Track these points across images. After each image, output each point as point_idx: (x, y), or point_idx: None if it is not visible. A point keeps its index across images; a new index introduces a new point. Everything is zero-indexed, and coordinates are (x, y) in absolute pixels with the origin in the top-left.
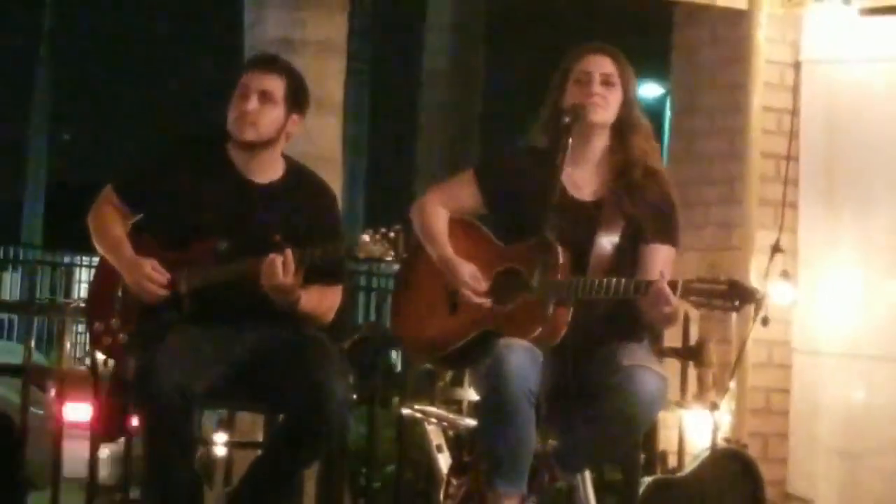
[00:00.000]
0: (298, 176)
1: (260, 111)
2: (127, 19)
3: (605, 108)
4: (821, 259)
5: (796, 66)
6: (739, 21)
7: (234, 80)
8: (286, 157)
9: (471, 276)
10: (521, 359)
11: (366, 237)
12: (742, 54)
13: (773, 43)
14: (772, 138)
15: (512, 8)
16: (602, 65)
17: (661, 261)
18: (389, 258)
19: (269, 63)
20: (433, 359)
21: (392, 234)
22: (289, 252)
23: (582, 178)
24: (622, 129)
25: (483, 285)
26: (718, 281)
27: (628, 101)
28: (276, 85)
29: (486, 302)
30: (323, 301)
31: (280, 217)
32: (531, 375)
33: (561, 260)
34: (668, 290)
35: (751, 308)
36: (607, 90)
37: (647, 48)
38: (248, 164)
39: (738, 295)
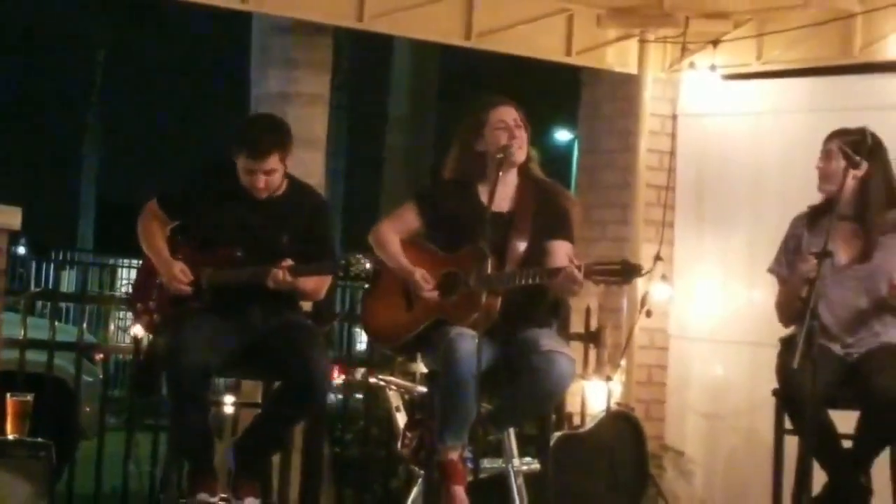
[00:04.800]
0: (299, 190)
1: (269, 182)
2: (163, 74)
3: (523, 148)
4: (691, 266)
5: (674, 117)
6: (631, 82)
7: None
8: (289, 176)
9: (421, 277)
10: (468, 345)
11: (343, 260)
12: (633, 108)
13: (657, 100)
14: (655, 173)
15: (460, 70)
16: (512, 112)
17: (563, 252)
18: (364, 276)
19: (267, 150)
20: (394, 346)
21: (369, 259)
22: (286, 269)
23: (501, 195)
24: (527, 158)
25: (432, 282)
26: (613, 262)
27: (529, 138)
28: (277, 161)
29: (435, 294)
30: (315, 284)
31: (285, 224)
32: (475, 358)
33: (490, 261)
34: (576, 272)
35: (638, 303)
36: (520, 132)
37: (562, 103)
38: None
39: (629, 270)
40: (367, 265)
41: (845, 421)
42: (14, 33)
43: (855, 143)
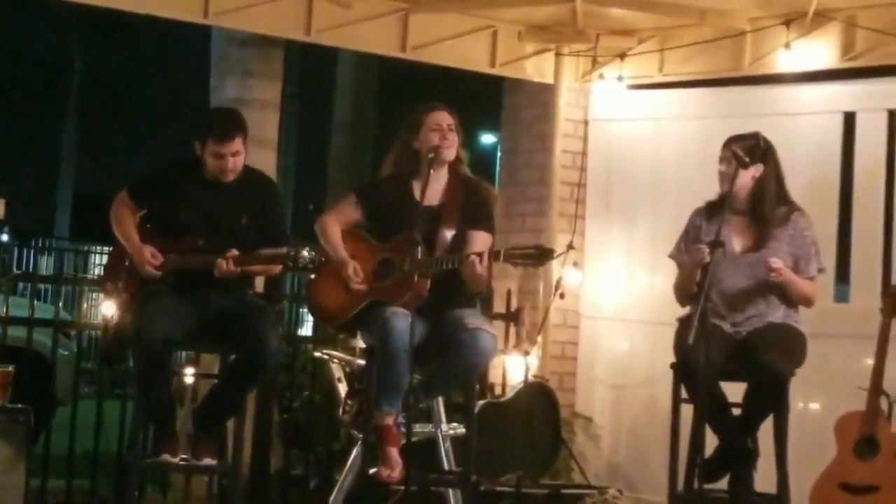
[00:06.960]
0: (252, 174)
1: (235, 163)
2: (134, 81)
3: (452, 149)
4: (600, 254)
5: (586, 122)
6: (548, 91)
7: (205, 128)
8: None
9: (353, 271)
10: (402, 323)
11: (293, 252)
12: (549, 113)
13: (570, 106)
14: (568, 171)
15: (397, 79)
16: (447, 117)
17: (481, 242)
18: (311, 267)
19: (232, 134)
20: (336, 324)
21: (314, 253)
22: (230, 259)
23: (432, 190)
24: (457, 159)
25: (361, 276)
26: (528, 247)
27: (461, 141)
28: (240, 144)
29: (363, 287)
30: (263, 266)
31: (243, 204)
32: (408, 334)
33: (421, 249)
34: (476, 259)
35: (553, 286)
36: (452, 135)
37: (487, 108)
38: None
39: (542, 254)
40: (311, 263)
41: (734, 391)
42: None
43: (749, 147)
